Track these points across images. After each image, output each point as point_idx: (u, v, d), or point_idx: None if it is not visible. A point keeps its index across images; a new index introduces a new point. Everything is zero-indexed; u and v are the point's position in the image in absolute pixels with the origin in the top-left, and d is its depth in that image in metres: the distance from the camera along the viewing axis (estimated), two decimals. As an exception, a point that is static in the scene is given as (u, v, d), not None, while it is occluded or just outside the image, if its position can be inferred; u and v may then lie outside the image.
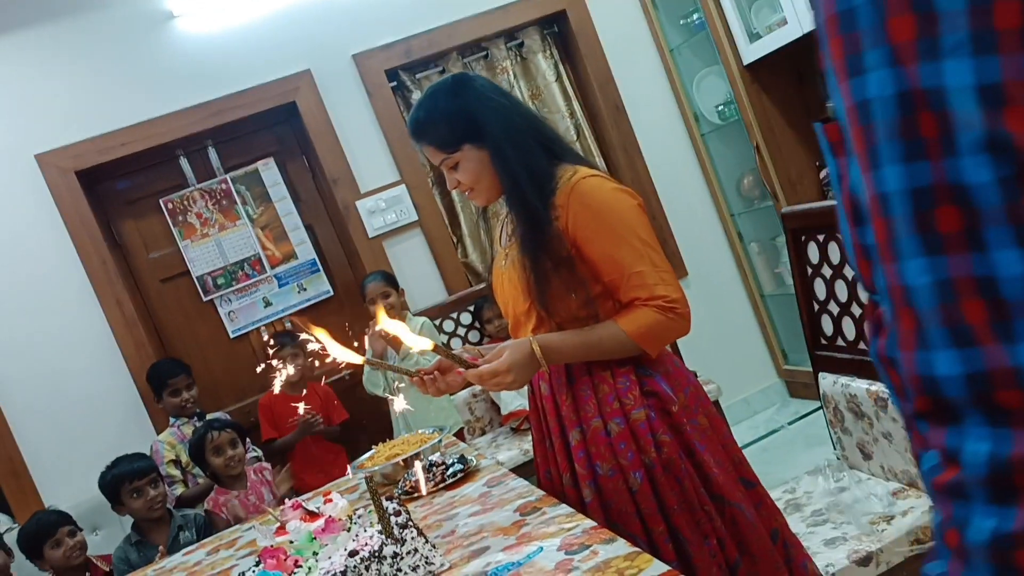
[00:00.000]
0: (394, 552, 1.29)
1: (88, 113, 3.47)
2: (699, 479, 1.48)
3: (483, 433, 3.53)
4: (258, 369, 3.12)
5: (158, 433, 3.30)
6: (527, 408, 1.84)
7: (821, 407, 2.01)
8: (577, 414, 1.53)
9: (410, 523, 1.34)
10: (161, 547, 2.60)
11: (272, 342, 3.46)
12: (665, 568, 1.07)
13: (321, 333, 1.42)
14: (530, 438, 1.91)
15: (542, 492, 1.52)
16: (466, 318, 3.72)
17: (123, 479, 2.68)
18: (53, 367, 3.36)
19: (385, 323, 1.44)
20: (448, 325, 3.69)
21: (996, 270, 0.45)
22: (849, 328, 1.86)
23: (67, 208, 3.42)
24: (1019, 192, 0.44)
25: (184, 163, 3.75)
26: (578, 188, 1.48)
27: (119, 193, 3.68)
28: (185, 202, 3.71)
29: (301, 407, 2.87)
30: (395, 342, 3.07)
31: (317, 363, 1.53)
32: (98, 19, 3.50)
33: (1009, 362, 0.45)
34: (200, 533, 2.68)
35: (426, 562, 1.31)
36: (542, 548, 1.24)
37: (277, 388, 1.60)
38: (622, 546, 1.16)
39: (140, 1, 3.54)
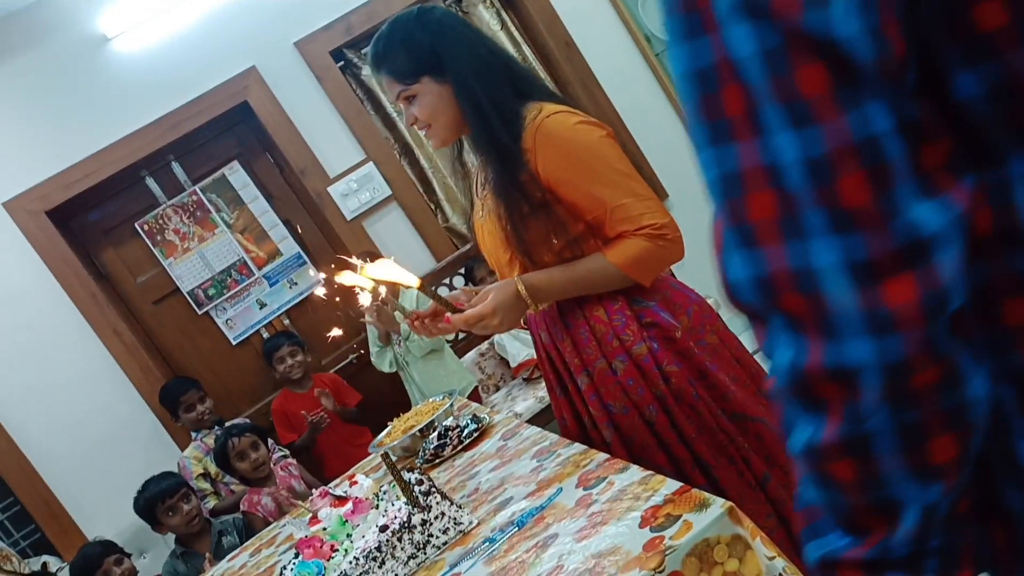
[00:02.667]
0: (423, 520, 1.34)
1: (46, 151, 3.45)
2: (716, 400, 1.46)
3: (497, 389, 3.58)
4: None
5: (182, 449, 3.36)
6: (535, 357, 1.85)
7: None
8: (580, 358, 1.52)
9: (433, 489, 1.38)
10: (208, 554, 2.66)
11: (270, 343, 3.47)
12: (678, 485, 1.11)
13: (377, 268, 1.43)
14: (543, 385, 1.93)
15: (555, 436, 1.54)
16: (459, 281, 3.74)
17: (155, 500, 2.74)
18: (67, 408, 3.40)
19: (371, 270, 1.45)
20: (442, 292, 3.69)
21: (777, 156, 0.41)
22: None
23: (45, 250, 3.42)
24: (787, 64, 0.40)
25: (151, 182, 3.74)
26: (543, 128, 1.42)
27: (93, 224, 3.68)
28: (160, 221, 3.71)
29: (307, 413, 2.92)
30: (389, 318, 3.04)
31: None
32: (36, 57, 3.46)
33: (788, 263, 0.41)
34: (241, 535, 2.75)
35: (455, 523, 1.35)
36: (561, 489, 1.28)
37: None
38: (636, 472, 1.20)
39: (73, 30, 3.49)
